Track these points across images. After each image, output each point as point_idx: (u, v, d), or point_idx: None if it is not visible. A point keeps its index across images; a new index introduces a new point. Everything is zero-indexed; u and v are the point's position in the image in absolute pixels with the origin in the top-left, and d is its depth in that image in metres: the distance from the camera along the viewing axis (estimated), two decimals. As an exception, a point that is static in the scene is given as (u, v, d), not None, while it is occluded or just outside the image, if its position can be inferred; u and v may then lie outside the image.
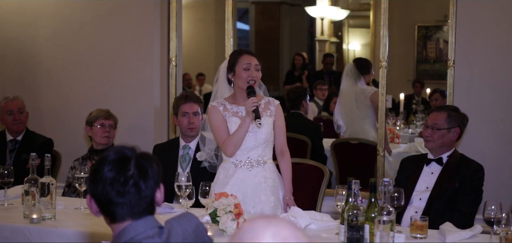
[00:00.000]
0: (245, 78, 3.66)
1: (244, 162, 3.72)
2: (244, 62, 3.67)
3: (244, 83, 3.67)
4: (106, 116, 4.63)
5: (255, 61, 3.70)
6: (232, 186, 3.64)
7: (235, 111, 3.74)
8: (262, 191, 3.70)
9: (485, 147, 5.06)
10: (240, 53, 3.75)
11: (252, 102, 3.57)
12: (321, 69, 9.14)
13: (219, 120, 3.72)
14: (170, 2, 5.72)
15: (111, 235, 2.08)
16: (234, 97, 3.78)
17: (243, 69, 3.66)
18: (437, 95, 6.98)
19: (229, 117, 3.72)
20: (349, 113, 6.30)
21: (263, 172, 3.73)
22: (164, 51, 5.80)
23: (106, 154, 2.04)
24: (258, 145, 3.72)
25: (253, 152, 3.72)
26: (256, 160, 3.73)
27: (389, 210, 2.90)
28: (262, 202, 3.68)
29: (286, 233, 1.54)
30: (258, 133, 3.69)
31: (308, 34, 11.13)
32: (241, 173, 3.71)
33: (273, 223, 1.56)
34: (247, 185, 3.68)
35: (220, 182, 3.72)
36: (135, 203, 2.01)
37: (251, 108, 3.57)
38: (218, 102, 3.76)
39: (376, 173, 5.39)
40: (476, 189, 3.79)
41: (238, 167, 3.71)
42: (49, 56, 6.09)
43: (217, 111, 3.73)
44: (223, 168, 3.77)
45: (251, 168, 3.71)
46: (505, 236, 2.88)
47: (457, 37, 5.13)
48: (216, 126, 3.73)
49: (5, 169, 3.74)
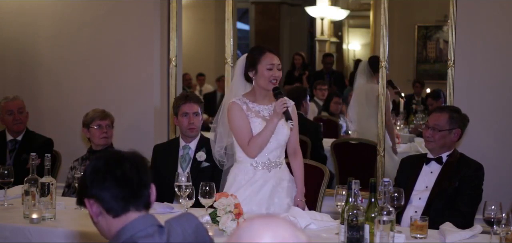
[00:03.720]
0: (268, 78, 3.59)
1: (264, 164, 3.66)
2: (268, 62, 3.59)
3: (266, 83, 3.60)
4: (102, 117, 4.59)
5: (278, 61, 3.63)
6: (254, 189, 3.61)
7: (257, 111, 3.65)
8: (277, 193, 3.67)
9: (485, 147, 5.06)
10: (263, 51, 3.65)
11: (283, 104, 3.50)
12: (321, 69, 9.15)
13: (243, 119, 3.60)
14: (170, 2, 5.72)
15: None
16: (254, 95, 3.68)
17: (267, 69, 3.59)
18: (430, 100, 6.94)
19: (252, 117, 3.63)
20: (360, 110, 6.40)
21: (280, 174, 3.71)
22: (164, 51, 5.79)
23: (98, 155, 2.11)
24: (279, 146, 3.68)
25: (273, 153, 3.67)
26: (274, 161, 3.68)
27: (389, 210, 2.90)
28: (275, 204, 3.66)
29: (285, 233, 1.53)
30: (279, 134, 3.63)
31: (308, 34, 11.13)
32: (261, 176, 3.65)
33: (271, 223, 1.55)
34: (265, 189, 3.64)
35: (238, 184, 3.64)
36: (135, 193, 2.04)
37: (281, 110, 3.50)
38: (240, 100, 3.65)
39: (376, 173, 5.39)
40: (476, 188, 3.79)
41: (257, 169, 3.66)
42: (49, 56, 6.09)
43: (240, 109, 3.61)
44: (240, 169, 3.69)
45: (269, 170, 3.67)
46: (505, 236, 2.88)
47: (457, 37, 5.13)
48: (240, 125, 3.61)
49: (5, 169, 3.74)
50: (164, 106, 5.83)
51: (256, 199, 3.61)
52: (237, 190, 3.59)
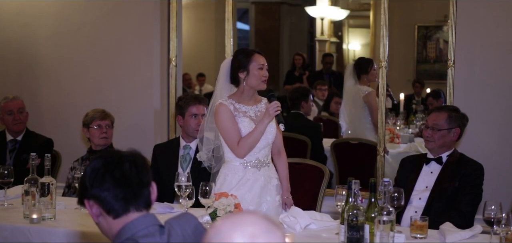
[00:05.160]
0: (259, 77, 3.68)
1: (253, 163, 3.71)
2: (260, 62, 3.69)
3: (258, 83, 3.68)
4: (102, 117, 4.58)
5: (266, 62, 3.75)
6: (246, 188, 3.64)
7: (244, 111, 3.71)
8: (268, 191, 3.72)
9: (485, 147, 5.06)
10: (252, 52, 3.75)
11: (276, 107, 3.59)
12: (321, 69, 9.14)
13: (231, 120, 3.66)
14: (170, 2, 5.72)
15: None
16: (240, 96, 3.74)
17: (258, 68, 3.68)
18: (431, 99, 6.98)
19: (240, 117, 3.68)
20: (349, 113, 6.50)
21: (268, 172, 3.76)
22: (164, 51, 5.79)
23: (98, 156, 2.10)
24: (267, 144, 3.74)
25: (262, 152, 3.73)
26: (263, 160, 3.74)
27: (389, 210, 2.90)
28: (268, 202, 3.71)
29: (254, 229, 1.51)
30: (268, 133, 3.70)
31: (308, 34, 11.12)
32: (252, 174, 3.70)
33: (239, 222, 1.52)
34: (257, 186, 3.69)
35: (228, 184, 3.67)
36: (135, 193, 2.03)
37: (274, 113, 3.59)
38: (227, 101, 3.70)
39: (376, 173, 5.39)
40: (476, 188, 3.79)
41: (247, 168, 3.70)
42: (49, 56, 6.09)
43: (228, 111, 3.67)
44: (229, 169, 3.73)
45: (259, 169, 3.72)
46: (505, 236, 2.88)
47: (457, 37, 5.13)
48: (228, 126, 3.67)
49: (5, 169, 3.73)
50: (164, 106, 5.83)
51: (248, 197, 3.64)
52: (229, 190, 3.60)
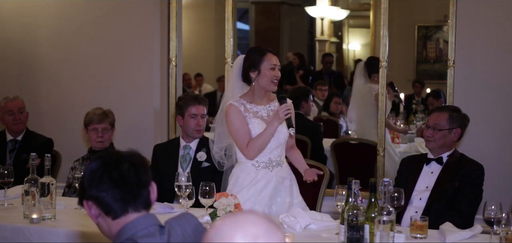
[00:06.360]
0: (270, 78, 3.64)
1: (265, 163, 3.68)
2: (273, 62, 3.65)
3: (269, 83, 3.64)
4: (99, 120, 4.53)
5: (278, 62, 3.70)
6: (257, 188, 3.63)
7: (255, 112, 3.68)
8: (279, 192, 3.70)
9: (485, 147, 5.06)
10: (264, 51, 3.69)
11: (286, 110, 3.54)
12: (321, 69, 9.14)
13: (241, 121, 3.63)
14: (170, 2, 5.72)
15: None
16: (252, 96, 3.70)
17: (269, 69, 3.63)
18: (431, 99, 6.99)
19: (250, 118, 3.65)
20: (358, 111, 6.54)
21: (281, 173, 3.73)
22: (164, 51, 5.79)
23: (97, 156, 2.10)
24: (279, 145, 3.71)
25: (274, 153, 3.70)
26: (275, 161, 3.70)
27: (389, 210, 2.89)
28: (278, 203, 3.68)
29: (256, 230, 1.50)
30: (279, 133, 3.66)
31: (308, 34, 11.12)
32: (263, 175, 3.67)
33: (241, 222, 1.51)
34: (268, 187, 3.67)
35: (240, 185, 3.66)
36: (133, 193, 2.03)
37: (284, 116, 3.54)
38: (238, 102, 3.67)
39: (376, 173, 5.39)
40: (476, 188, 3.79)
41: (259, 169, 3.68)
42: (49, 56, 6.09)
43: (238, 112, 3.63)
44: (241, 170, 3.71)
45: (271, 169, 3.70)
46: (505, 236, 2.88)
47: (457, 37, 5.13)
48: (238, 127, 3.63)
49: (5, 169, 3.73)
50: (164, 106, 5.83)
51: (258, 198, 3.63)
52: (240, 191, 3.60)
